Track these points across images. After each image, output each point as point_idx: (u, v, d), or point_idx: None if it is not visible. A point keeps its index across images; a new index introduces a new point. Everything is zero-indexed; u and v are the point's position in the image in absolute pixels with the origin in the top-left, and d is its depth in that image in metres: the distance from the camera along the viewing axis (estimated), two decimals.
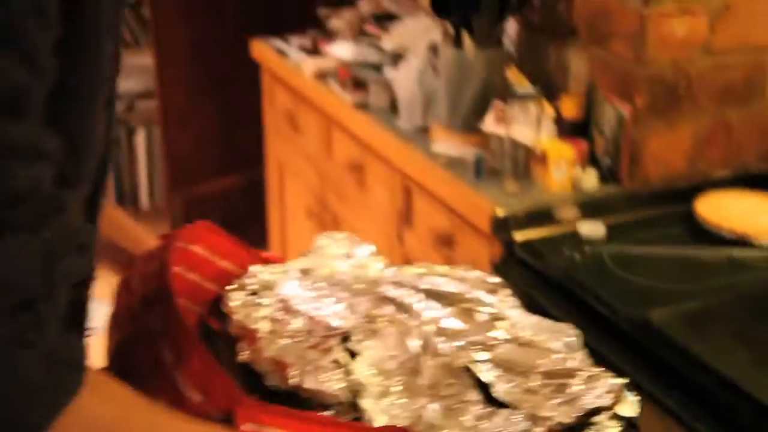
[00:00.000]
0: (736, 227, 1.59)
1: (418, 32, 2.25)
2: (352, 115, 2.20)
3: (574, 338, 1.00)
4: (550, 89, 1.91)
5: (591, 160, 1.82)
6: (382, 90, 2.15)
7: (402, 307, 0.98)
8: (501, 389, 0.90)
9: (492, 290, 1.06)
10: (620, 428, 0.90)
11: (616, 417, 0.91)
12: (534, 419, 0.88)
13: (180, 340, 0.83)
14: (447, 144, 1.89)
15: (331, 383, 0.88)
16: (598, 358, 0.97)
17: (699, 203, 1.68)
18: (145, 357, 0.85)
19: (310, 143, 2.50)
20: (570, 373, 0.93)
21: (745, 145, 1.88)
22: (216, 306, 0.97)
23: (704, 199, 1.70)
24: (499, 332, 0.97)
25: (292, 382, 0.87)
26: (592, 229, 1.63)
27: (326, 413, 0.86)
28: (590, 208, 1.72)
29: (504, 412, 0.89)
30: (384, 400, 0.88)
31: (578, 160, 1.77)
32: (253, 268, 1.01)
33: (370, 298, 0.98)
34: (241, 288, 0.99)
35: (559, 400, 0.90)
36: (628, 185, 1.77)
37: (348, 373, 0.89)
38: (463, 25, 1.94)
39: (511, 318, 1.01)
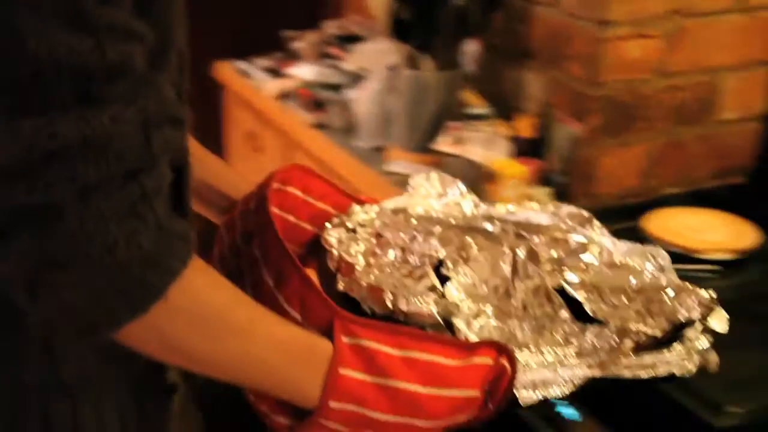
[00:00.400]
0: (681, 242, 1.61)
1: (379, 54, 2.27)
2: (311, 134, 2.21)
3: (665, 259, 1.02)
4: (507, 110, 1.93)
5: (545, 179, 1.83)
6: (341, 110, 2.16)
7: (493, 236, 1.01)
8: (591, 307, 0.92)
9: (583, 222, 1.10)
10: (711, 341, 0.91)
11: (707, 330, 0.93)
12: (624, 333, 0.90)
13: (280, 263, 0.84)
14: (401, 163, 1.89)
15: (425, 305, 0.90)
16: None
17: (646, 219, 1.69)
18: (248, 283, 0.86)
19: (271, 163, 2.50)
20: (659, 288, 0.95)
21: (698, 164, 1.90)
22: (313, 246, 1.00)
23: (652, 216, 1.71)
24: (590, 256, 0.99)
25: (387, 304, 0.89)
26: None
27: None
28: None
29: (594, 327, 0.91)
30: (477, 321, 0.90)
31: (531, 178, 1.78)
32: (351, 208, 1.04)
33: (463, 229, 1.01)
34: (340, 225, 1.01)
35: (648, 314, 0.91)
36: (580, 202, 1.78)
37: (441, 296, 0.92)
38: (423, 47, 1.95)
39: (602, 244, 1.03)
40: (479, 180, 1.77)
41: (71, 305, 0.70)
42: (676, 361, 0.90)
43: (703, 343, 0.91)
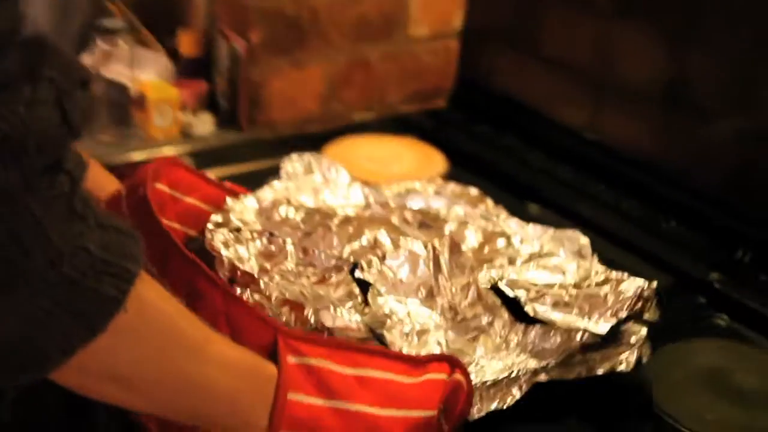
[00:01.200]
0: (360, 174, 1.39)
1: None
2: None
3: (585, 244, 1.03)
4: (169, 24, 1.63)
5: (212, 103, 1.56)
6: None
7: (402, 229, 0.94)
8: (534, 307, 0.89)
9: (475, 201, 1.09)
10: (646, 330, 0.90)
11: (643, 322, 0.91)
12: (570, 332, 0.87)
13: (192, 282, 0.77)
14: None
15: (353, 319, 0.82)
16: None
17: (328, 149, 1.47)
18: None
19: None
20: (596, 283, 0.92)
21: (389, 86, 1.69)
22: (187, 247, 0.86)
23: (335, 145, 1.49)
24: (513, 248, 0.98)
25: (310, 320, 0.82)
26: None
27: None
28: (205, 158, 1.46)
29: (538, 328, 0.88)
30: (407, 328, 0.84)
31: (192, 103, 1.51)
32: (226, 204, 0.95)
33: (365, 221, 0.94)
34: (223, 224, 0.91)
35: (592, 311, 0.88)
36: (248, 131, 1.53)
37: (364, 304, 0.86)
38: None
39: (513, 231, 1.02)
40: (126, 105, 1.48)
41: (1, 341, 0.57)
42: (623, 356, 0.88)
43: (642, 334, 0.90)
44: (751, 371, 0.99)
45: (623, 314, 0.90)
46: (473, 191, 1.14)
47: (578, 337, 0.88)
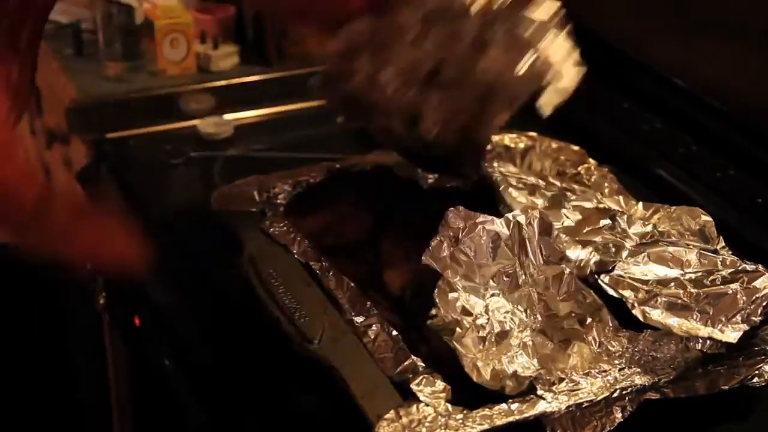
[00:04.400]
0: None
1: None
2: None
3: (708, 222, 0.85)
4: None
5: (238, 33, 1.33)
6: None
7: None
8: (640, 310, 0.76)
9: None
10: None
11: None
12: (686, 342, 0.75)
13: None
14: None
15: None
16: None
17: None
18: None
19: None
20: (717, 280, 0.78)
21: None
22: None
23: None
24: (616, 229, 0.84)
25: None
26: (216, 127, 1.15)
27: None
28: (225, 97, 1.24)
29: (649, 335, 0.75)
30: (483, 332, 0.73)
31: (214, 31, 1.28)
32: None
33: None
34: None
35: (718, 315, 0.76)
36: (278, 67, 1.30)
37: None
38: None
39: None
40: (137, 34, 1.25)
41: None
42: (758, 368, 0.73)
43: None
44: None
45: (757, 319, 0.76)
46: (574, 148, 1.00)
47: (698, 346, 0.75)
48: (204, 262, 0.94)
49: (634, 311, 0.76)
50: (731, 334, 0.75)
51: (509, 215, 0.77)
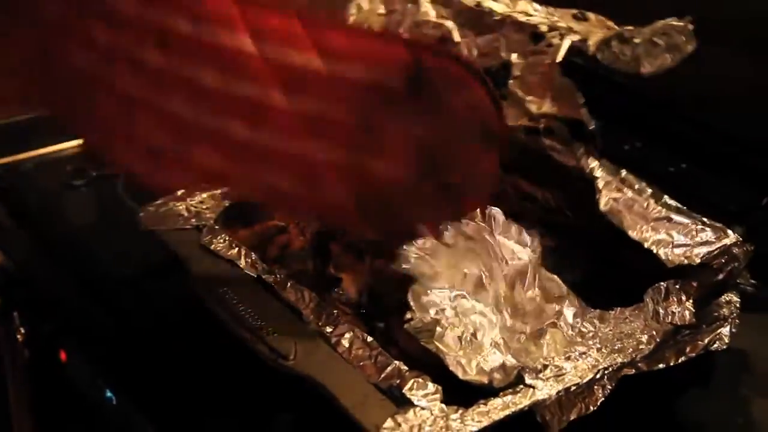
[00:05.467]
0: None
1: None
2: None
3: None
4: None
5: None
6: None
7: None
8: None
9: None
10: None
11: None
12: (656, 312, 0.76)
13: None
14: None
15: None
16: None
17: None
18: None
19: None
20: None
21: None
22: None
23: None
24: None
25: None
26: None
27: None
28: None
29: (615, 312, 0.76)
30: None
31: None
32: None
33: None
34: None
35: None
36: None
37: None
38: None
39: None
40: None
41: None
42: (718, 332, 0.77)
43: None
44: None
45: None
46: None
47: (669, 319, 0.76)
48: (138, 285, 0.89)
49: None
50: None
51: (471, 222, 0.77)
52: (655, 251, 0.81)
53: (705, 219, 0.83)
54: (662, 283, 0.76)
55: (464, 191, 0.76)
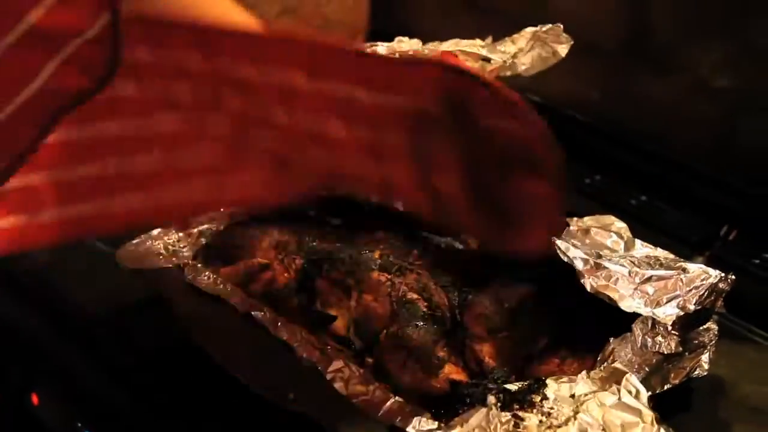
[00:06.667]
0: None
1: None
2: None
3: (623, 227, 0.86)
4: None
5: None
6: None
7: None
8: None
9: None
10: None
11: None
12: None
13: None
14: None
15: None
16: None
17: None
18: None
19: None
20: None
21: None
22: None
23: None
24: None
25: None
26: None
27: None
28: None
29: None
30: None
31: None
32: None
33: None
34: None
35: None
36: None
37: None
38: None
39: None
40: None
41: None
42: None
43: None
44: None
45: (692, 307, 0.78)
46: None
47: (656, 348, 0.77)
48: (116, 323, 0.88)
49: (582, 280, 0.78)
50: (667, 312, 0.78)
51: None
52: (654, 317, 0.79)
53: (683, 264, 0.84)
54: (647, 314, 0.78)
55: (521, 221, 0.76)
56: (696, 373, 0.79)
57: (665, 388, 0.77)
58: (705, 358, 0.80)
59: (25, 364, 0.91)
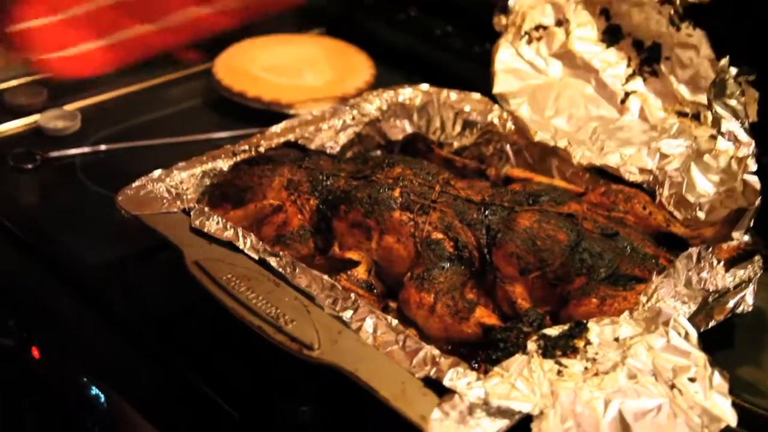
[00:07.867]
0: (256, 92, 1.10)
1: None
2: None
3: None
4: None
5: None
6: None
7: None
8: None
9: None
10: None
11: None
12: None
13: None
14: None
15: None
16: None
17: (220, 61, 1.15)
18: None
19: None
20: None
21: None
22: None
23: (229, 54, 1.17)
24: None
25: None
26: (59, 121, 1.03)
27: None
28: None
29: None
30: None
31: None
32: None
33: None
34: None
35: None
36: None
37: None
38: None
39: None
40: None
41: None
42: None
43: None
44: None
45: None
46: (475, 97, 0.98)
47: (702, 285, 0.73)
48: (120, 273, 0.82)
49: None
50: None
51: None
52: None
53: None
54: (693, 249, 0.73)
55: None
56: (741, 308, 0.75)
57: (709, 325, 0.73)
58: (749, 292, 0.75)
59: (25, 318, 0.85)
